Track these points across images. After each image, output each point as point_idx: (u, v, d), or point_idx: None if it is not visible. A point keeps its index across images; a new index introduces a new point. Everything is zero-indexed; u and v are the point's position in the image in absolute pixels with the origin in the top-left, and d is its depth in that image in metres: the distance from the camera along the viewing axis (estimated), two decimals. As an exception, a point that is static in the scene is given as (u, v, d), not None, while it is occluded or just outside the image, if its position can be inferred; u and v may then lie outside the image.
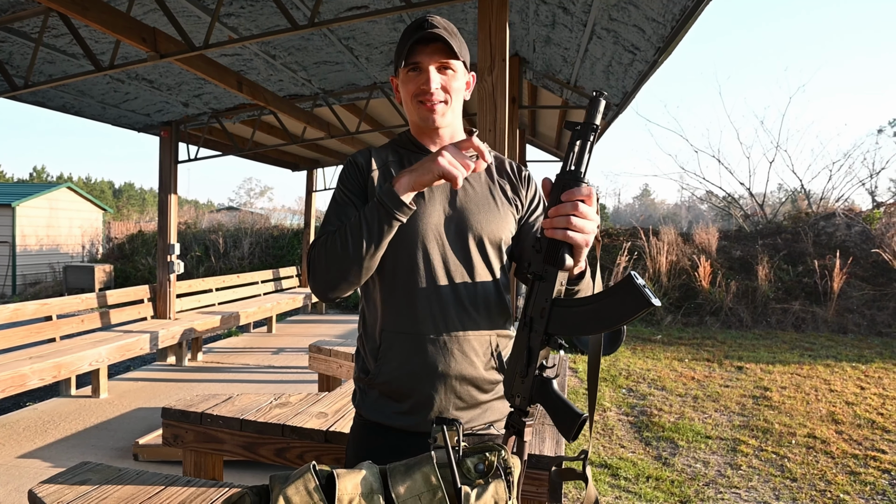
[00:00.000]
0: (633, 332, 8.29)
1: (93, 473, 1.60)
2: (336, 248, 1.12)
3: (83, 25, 4.12)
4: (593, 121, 0.92)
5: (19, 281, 13.64)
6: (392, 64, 5.87)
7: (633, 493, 3.31)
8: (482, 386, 1.22)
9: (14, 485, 3.29)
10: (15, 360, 4.42)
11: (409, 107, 1.25)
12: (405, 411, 1.20)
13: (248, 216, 17.37)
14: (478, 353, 1.21)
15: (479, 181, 1.29)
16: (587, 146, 0.92)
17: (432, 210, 1.22)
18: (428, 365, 1.18)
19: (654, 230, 10.94)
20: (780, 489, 3.40)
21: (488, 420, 1.24)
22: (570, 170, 0.93)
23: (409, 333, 1.18)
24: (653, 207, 43.58)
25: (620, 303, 0.88)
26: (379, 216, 1.09)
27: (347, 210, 1.21)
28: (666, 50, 4.05)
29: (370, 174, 1.25)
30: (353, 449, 1.28)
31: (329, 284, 1.15)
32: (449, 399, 1.19)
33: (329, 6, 4.18)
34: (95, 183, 55.44)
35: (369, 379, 1.22)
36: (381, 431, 1.22)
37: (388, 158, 1.29)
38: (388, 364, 1.20)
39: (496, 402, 1.25)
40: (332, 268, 1.12)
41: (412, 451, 1.16)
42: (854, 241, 9.86)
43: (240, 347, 7.40)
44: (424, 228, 1.20)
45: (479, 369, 1.21)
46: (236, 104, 6.72)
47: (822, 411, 4.80)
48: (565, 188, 0.92)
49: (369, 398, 1.24)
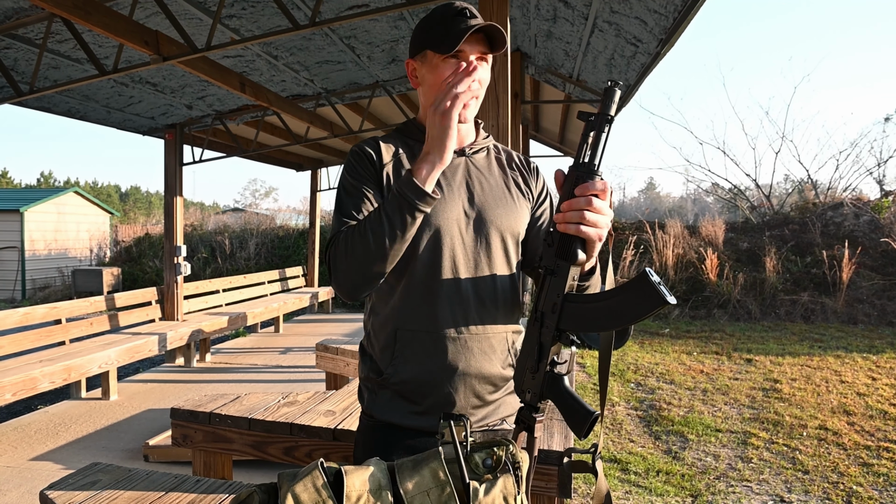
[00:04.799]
0: (640, 327, 8.26)
1: (103, 474, 1.61)
2: (356, 246, 1.05)
3: (86, 30, 4.14)
4: (608, 111, 0.90)
5: (28, 285, 13.73)
6: (393, 61, 5.91)
7: (644, 487, 3.30)
8: (498, 383, 1.21)
9: (26, 487, 3.32)
10: (26, 363, 4.45)
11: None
12: (422, 411, 1.16)
13: (253, 217, 17.41)
14: (495, 350, 1.20)
15: (493, 174, 1.26)
16: (601, 137, 0.90)
17: (452, 205, 1.18)
18: (448, 364, 1.15)
19: (660, 223, 10.89)
20: (791, 482, 3.38)
21: (501, 416, 1.23)
22: (583, 161, 0.91)
23: (428, 332, 1.15)
24: (658, 201, 43.38)
25: (635, 300, 0.87)
26: (401, 208, 1.03)
27: (363, 201, 1.15)
28: (668, 41, 4.02)
29: (383, 167, 1.19)
30: (362, 451, 1.23)
31: (353, 284, 1.09)
32: (468, 398, 1.17)
33: (330, 5, 4.17)
34: (102, 187, 55.77)
35: (382, 379, 1.18)
36: (395, 432, 1.18)
37: (398, 149, 1.23)
38: (405, 364, 1.16)
39: (508, 397, 1.24)
40: (354, 267, 1.07)
41: (424, 451, 1.16)
42: (863, 231, 9.78)
43: (247, 348, 7.42)
44: (444, 224, 1.16)
45: (497, 366, 1.20)
46: (239, 105, 6.73)
47: (834, 403, 4.76)
48: (579, 180, 0.90)
49: (381, 399, 1.19)
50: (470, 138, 1.28)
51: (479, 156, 1.27)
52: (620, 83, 0.92)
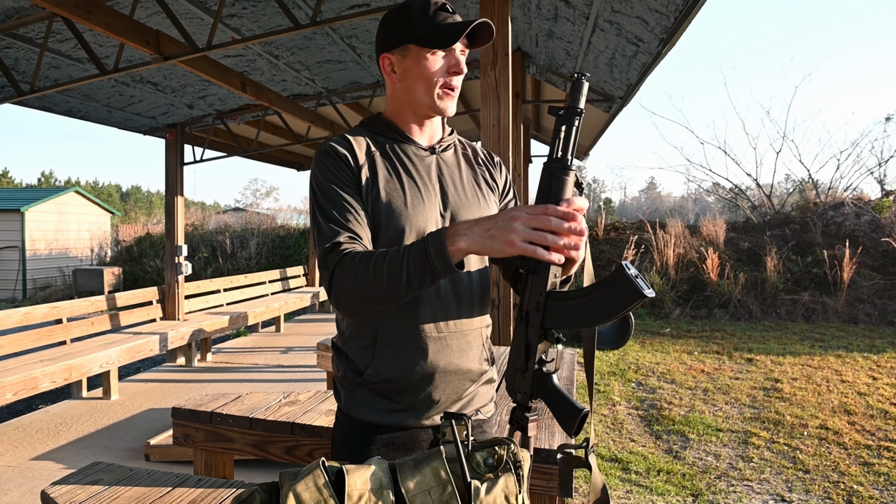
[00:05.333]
0: (641, 326, 8.26)
1: (104, 474, 1.61)
2: (367, 284, 1.02)
3: (87, 29, 4.14)
4: (577, 105, 0.91)
5: (29, 285, 13.75)
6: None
7: (644, 486, 3.30)
8: (475, 378, 1.23)
9: (28, 486, 3.32)
10: (27, 363, 4.46)
11: (423, 88, 1.17)
12: (400, 409, 1.17)
13: (254, 217, 17.43)
14: (472, 345, 1.22)
15: (463, 172, 1.27)
16: (572, 131, 0.91)
17: (430, 206, 1.18)
18: (430, 363, 1.16)
19: (661, 223, 10.89)
20: (792, 481, 3.38)
21: (475, 407, 1.25)
22: (556, 157, 0.92)
23: (409, 332, 1.15)
24: (659, 200, 43.40)
25: (614, 295, 0.87)
26: (423, 273, 0.98)
27: (348, 209, 1.12)
28: (670, 41, 4.02)
29: (360, 168, 1.16)
30: (340, 448, 1.22)
31: (354, 311, 1.10)
32: (446, 394, 1.18)
33: (330, 5, 4.17)
34: (103, 187, 55.84)
35: (362, 379, 1.17)
36: (372, 429, 1.18)
37: (369, 147, 1.20)
38: (385, 364, 1.15)
39: (481, 388, 1.25)
40: (360, 298, 1.05)
41: (405, 447, 1.16)
42: (863, 231, 9.78)
43: (248, 347, 7.43)
44: (424, 226, 1.16)
45: (475, 362, 1.22)
46: (240, 105, 6.73)
47: (834, 402, 4.76)
48: (553, 177, 0.92)
49: (358, 398, 1.19)
50: (438, 135, 1.28)
51: (447, 153, 1.27)
52: (587, 74, 0.93)
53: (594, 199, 44.63)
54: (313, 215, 1.15)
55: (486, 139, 3.28)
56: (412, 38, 1.16)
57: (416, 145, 1.23)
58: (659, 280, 9.46)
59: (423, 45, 1.15)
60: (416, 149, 1.22)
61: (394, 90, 1.23)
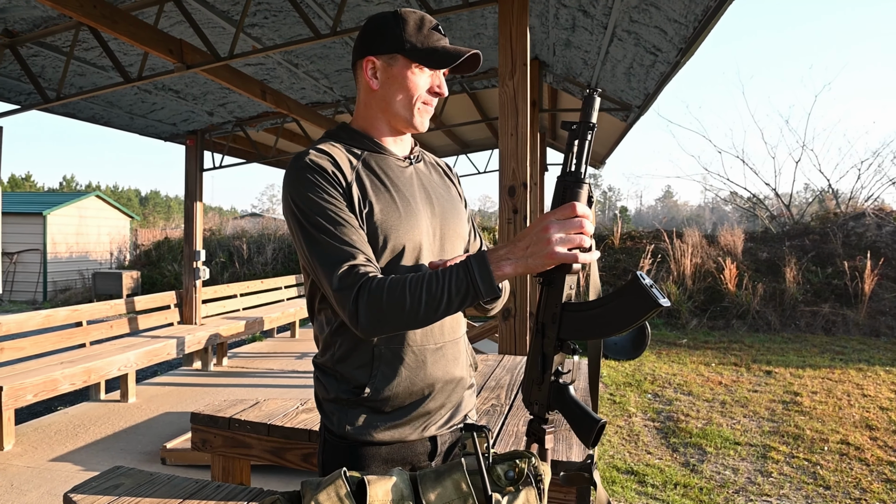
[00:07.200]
0: (657, 336, 8.18)
1: (125, 478, 1.63)
2: (402, 308, 0.99)
3: (112, 38, 4.22)
4: (589, 119, 0.92)
5: (50, 287, 13.96)
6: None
7: (661, 500, 3.26)
8: (465, 385, 1.25)
9: (46, 487, 3.37)
10: (47, 364, 4.53)
11: (403, 100, 1.16)
12: (400, 423, 1.14)
13: (270, 222, 17.58)
14: (461, 354, 1.24)
15: (438, 183, 1.28)
16: (585, 146, 0.92)
17: (422, 219, 1.17)
18: (430, 375, 1.15)
19: (678, 232, 10.80)
20: (813, 497, 3.32)
21: (464, 413, 1.25)
22: (570, 171, 0.93)
23: (409, 346, 1.14)
24: (676, 209, 43.06)
25: (629, 305, 0.88)
26: (464, 297, 0.97)
27: (349, 227, 1.07)
28: (688, 51, 4.00)
29: (350, 186, 1.11)
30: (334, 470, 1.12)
31: (377, 334, 1.05)
32: (443, 404, 1.19)
33: (350, 14, 4.22)
34: (123, 191, 56.69)
35: (360, 399, 1.13)
36: (370, 448, 1.14)
37: (351, 162, 1.15)
38: (385, 379, 1.12)
39: (465, 393, 1.26)
40: (390, 323, 1.01)
41: (403, 460, 1.14)
42: (885, 242, 9.61)
43: (264, 352, 7.48)
44: (417, 239, 1.15)
45: (464, 370, 1.24)
46: (260, 112, 6.81)
47: (856, 417, 4.67)
48: (567, 189, 0.93)
49: (352, 417, 1.14)
50: (409, 145, 1.28)
51: (420, 165, 1.27)
52: (599, 90, 0.94)
53: (610, 207, 44.28)
54: (306, 234, 1.08)
55: (503, 148, 3.28)
56: (404, 50, 1.15)
57: (395, 157, 1.21)
58: (675, 290, 9.37)
59: (414, 59, 1.15)
60: (395, 160, 1.21)
61: (370, 96, 1.20)
